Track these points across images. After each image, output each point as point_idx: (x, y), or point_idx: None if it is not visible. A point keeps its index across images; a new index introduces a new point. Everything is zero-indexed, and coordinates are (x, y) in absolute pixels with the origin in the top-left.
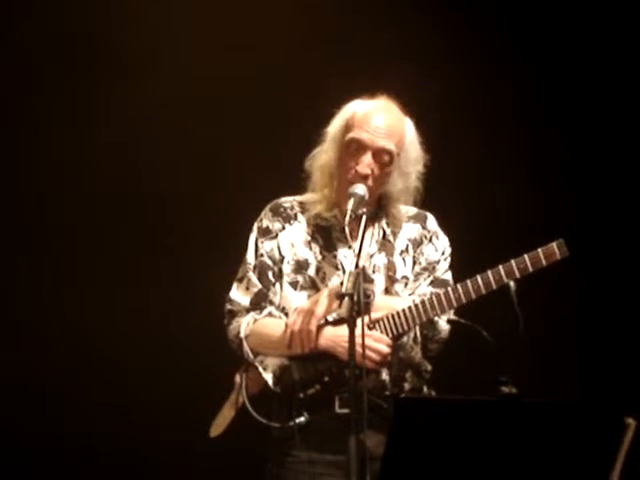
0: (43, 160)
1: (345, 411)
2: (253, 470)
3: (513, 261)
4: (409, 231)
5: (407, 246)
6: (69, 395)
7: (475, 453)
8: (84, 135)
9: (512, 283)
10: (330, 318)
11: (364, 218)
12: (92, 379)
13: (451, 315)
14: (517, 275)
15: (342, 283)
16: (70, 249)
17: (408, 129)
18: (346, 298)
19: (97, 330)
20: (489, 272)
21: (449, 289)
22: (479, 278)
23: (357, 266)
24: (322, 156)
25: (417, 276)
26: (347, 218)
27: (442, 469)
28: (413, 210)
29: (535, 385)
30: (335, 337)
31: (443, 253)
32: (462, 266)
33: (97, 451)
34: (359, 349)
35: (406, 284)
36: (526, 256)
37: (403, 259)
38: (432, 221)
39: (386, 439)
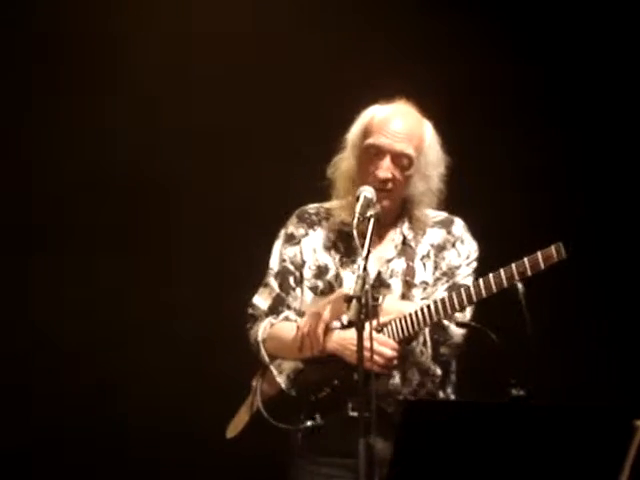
0: (49, 159)
1: (355, 414)
2: (269, 470)
3: (513, 265)
4: (433, 236)
5: (429, 251)
6: (82, 395)
7: (484, 456)
8: (94, 137)
9: (520, 285)
10: (339, 323)
11: (372, 221)
12: (106, 380)
13: (459, 317)
14: (517, 278)
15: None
16: (79, 248)
17: (427, 132)
18: (354, 301)
19: (113, 330)
20: (490, 276)
21: (453, 293)
22: (481, 282)
23: (365, 269)
24: (343, 163)
25: (436, 281)
26: (355, 221)
27: (450, 472)
28: (442, 215)
29: (544, 387)
30: (342, 340)
31: (467, 257)
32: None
33: (108, 451)
34: (367, 353)
35: (425, 289)
36: (525, 259)
37: (424, 264)
38: (458, 226)
39: (394, 442)
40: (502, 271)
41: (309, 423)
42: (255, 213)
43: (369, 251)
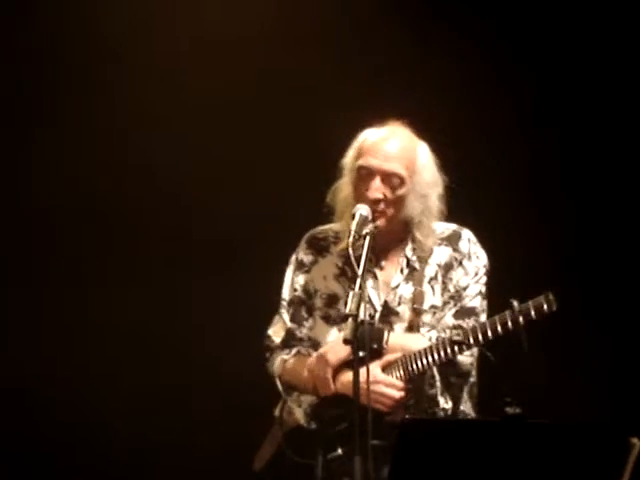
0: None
1: (376, 442)
2: None
3: (507, 313)
4: (439, 256)
5: (436, 272)
6: (111, 420)
7: (480, 474)
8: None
9: (515, 302)
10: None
11: (368, 238)
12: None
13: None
14: (510, 327)
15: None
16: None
17: (421, 152)
18: (350, 319)
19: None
20: (487, 322)
21: (461, 333)
22: (497, 319)
23: (360, 287)
24: (342, 189)
25: (444, 305)
26: (351, 239)
27: None
28: (449, 229)
29: (539, 405)
30: (349, 383)
31: (476, 274)
32: None
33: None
34: (373, 395)
35: (434, 313)
36: (516, 306)
37: (432, 287)
38: (465, 241)
39: (391, 459)
40: (497, 318)
41: (331, 455)
42: (258, 231)
43: (364, 269)
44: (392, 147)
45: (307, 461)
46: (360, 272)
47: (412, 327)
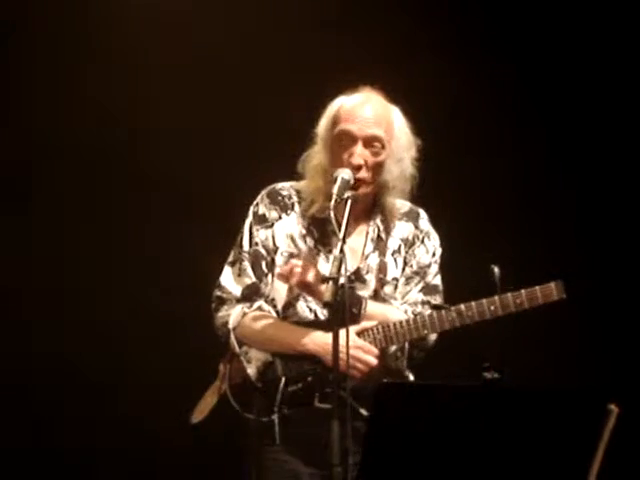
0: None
1: (325, 406)
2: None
3: (510, 294)
4: (402, 230)
5: (399, 246)
6: (51, 385)
7: (456, 439)
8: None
9: (496, 269)
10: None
11: (349, 202)
12: (74, 367)
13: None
14: (512, 309)
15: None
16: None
17: (395, 116)
18: (330, 282)
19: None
20: (484, 301)
21: (443, 312)
22: (474, 306)
23: (342, 250)
24: (315, 157)
25: (408, 280)
26: (332, 202)
27: (423, 454)
28: (406, 206)
29: (518, 371)
30: (325, 344)
31: (434, 254)
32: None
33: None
34: (349, 360)
35: (396, 286)
36: (523, 292)
37: (395, 259)
38: (425, 220)
39: (367, 424)
40: (497, 299)
41: (276, 415)
42: (242, 199)
43: (345, 232)
44: (370, 112)
45: (255, 417)
46: (341, 236)
47: (376, 297)
